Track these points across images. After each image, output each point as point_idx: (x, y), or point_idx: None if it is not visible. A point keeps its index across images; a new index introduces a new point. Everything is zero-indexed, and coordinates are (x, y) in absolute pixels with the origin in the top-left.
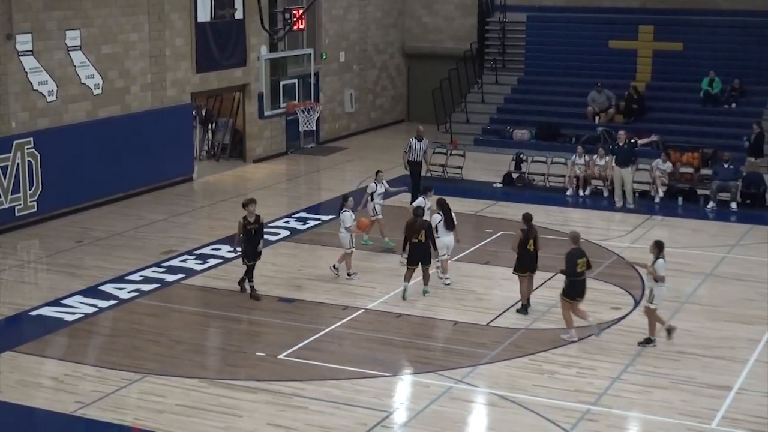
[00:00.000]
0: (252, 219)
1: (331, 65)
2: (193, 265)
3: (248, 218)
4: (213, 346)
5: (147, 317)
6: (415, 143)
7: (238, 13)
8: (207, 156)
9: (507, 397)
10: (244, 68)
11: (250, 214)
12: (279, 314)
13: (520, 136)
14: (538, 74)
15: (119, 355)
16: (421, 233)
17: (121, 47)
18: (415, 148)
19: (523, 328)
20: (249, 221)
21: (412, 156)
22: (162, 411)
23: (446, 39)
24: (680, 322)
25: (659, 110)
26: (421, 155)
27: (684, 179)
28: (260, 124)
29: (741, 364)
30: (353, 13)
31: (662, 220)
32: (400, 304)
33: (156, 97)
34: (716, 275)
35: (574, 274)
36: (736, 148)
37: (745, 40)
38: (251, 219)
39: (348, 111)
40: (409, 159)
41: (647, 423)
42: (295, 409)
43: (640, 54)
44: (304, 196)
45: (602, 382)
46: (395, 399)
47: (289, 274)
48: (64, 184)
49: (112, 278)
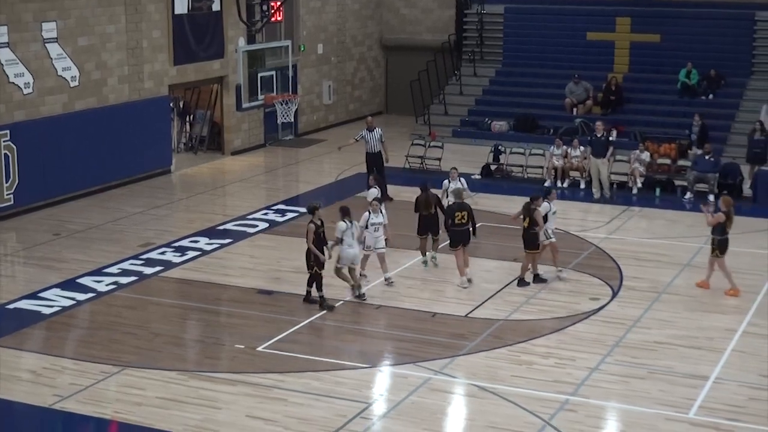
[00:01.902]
0: (319, 222)
1: (309, 57)
2: (171, 257)
3: (316, 222)
4: (192, 339)
5: (125, 310)
6: (367, 135)
7: (216, 5)
8: (185, 148)
9: (486, 388)
10: (221, 60)
11: (317, 218)
12: (258, 306)
13: (498, 128)
14: (516, 66)
15: (97, 348)
16: (432, 206)
17: (97, 39)
18: (369, 139)
19: (502, 319)
20: (318, 225)
21: (369, 148)
22: (141, 404)
23: (424, 31)
24: (658, 313)
25: (637, 102)
26: (378, 145)
27: (661, 170)
28: (238, 116)
29: (718, 353)
30: (331, 5)
31: (640, 211)
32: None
33: (133, 89)
34: (693, 266)
35: (453, 225)
36: (714, 139)
37: (722, 31)
38: (318, 222)
39: (326, 103)
40: (367, 151)
41: (625, 413)
42: (275, 401)
43: (618, 46)
44: (282, 188)
45: (580, 372)
46: (374, 390)
47: (267, 266)
48: (41, 177)
49: (89, 271)
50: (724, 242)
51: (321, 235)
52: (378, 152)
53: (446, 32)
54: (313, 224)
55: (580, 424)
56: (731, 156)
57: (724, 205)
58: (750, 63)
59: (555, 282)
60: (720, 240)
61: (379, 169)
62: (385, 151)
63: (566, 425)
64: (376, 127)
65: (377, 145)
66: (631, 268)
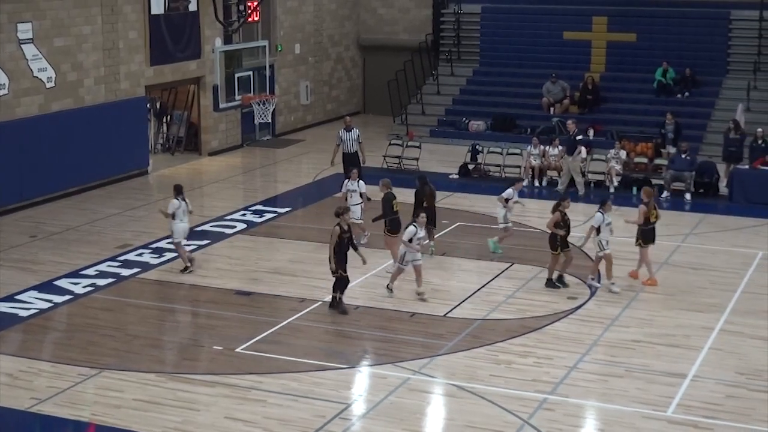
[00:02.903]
0: (346, 227)
1: (286, 57)
2: (149, 259)
3: (342, 226)
4: (170, 341)
5: (103, 312)
6: (345, 135)
7: (192, 5)
8: (162, 149)
9: (465, 388)
10: (198, 61)
11: (344, 222)
12: (236, 307)
13: (475, 128)
14: (493, 65)
15: (75, 351)
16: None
17: (73, 40)
18: (346, 139)
19: (480, 319)
20: (344, 229)
21: (346, 148)
22: (119, 406)
23: (401, 31)
24: (635, 311)
25: (613, 101)
26: (355, 145)
27: (638, 169)
28: (215, 116)
29: (695, 351)
30: (308, 5)
31: (617, 210)
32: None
33: (110, 90)
34: (670, 264)
35: (392, 213)
36: (690, 137)
37: (697, 30)
38: (345, 227)
39: (304, 103)
40: (344, 151)
41: (603, 411)
42: (253, 403)
43: (594, 45)
44: (260, 189)
45: (559, 371)
46: (353, 391)
47: (245, 267)
48: (17, 179)
49: (66, 273)
50: (649, 232)
51: (345, 241)
52: (354, 152)
53: (423, 32)
54: (338, 227)
55: (558, 423)
56: (707, 155)
57: (645, 196)
58: (725, 62)
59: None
60: (644, 230)
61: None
62: (362, 152)
63: (545, 424)
64: (354, 128)
65: (354, 145)
66: None
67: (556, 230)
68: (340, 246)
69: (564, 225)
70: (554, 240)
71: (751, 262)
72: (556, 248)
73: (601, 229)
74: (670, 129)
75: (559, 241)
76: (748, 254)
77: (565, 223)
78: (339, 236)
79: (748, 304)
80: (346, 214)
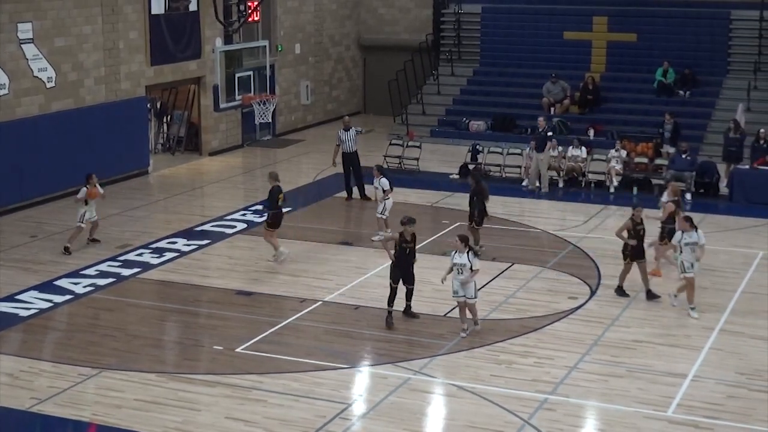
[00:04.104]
0: (408, 237)
1: (286, 57)
2: (149, 259)
3: (405, 236)
4: (170, 341)
5: (103, 312)
6: (344, 135)
7: (193, 5)
8: (162, 149)
9: (465, 388)
10: (198, 61)
11: (407, 232)
12: (236, 307)
13: (476, 128)
14: (493, 65)
15: (75, 351)
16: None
17: (74, 40)
18: (345, 139)
19: (481, 319)
20: (405, 239)
21: (346, 148)
22: (120, 406)
23: (402, 31)
24: (636, 311)
25: (614, 101)
26: (354, 145)
27: (638, 169)
28: (216, 116)
29: (696, 351)
30: (308, 5)
31: (617, 210)
32: (357, 296)
33: (110, 90)
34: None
35: (276, 207)
36: (690, 137)
37: (698, 30)
38: (408, 237)
39: (304, 103)
40: (343, 151)
41: (604, 411)
42: (254, 403)
43: (595, 45)
44: (260, 189)
45: (559, 371)
46: (354, 391)
47: (246, 267)
48: (17, 179)
49: (67, 273)
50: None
51: (406, 251)
52: (354, 152)
53: (424, 32)
54: (398, 235)
55: (559, 423)
56: (708, 155)
57: (672, 194)
58: (726, 62)
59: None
60: (672, 228)
61: (355, 168)
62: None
63: (545, 424)
64: (352, 127)
65: (353, 144)
66: (609, 267)
67: (628, 240)
68: (401, 258)
69: (635, 234)
70: (624, 249)
71: (751, 262)
72: (625, 257)
73: (682, 248)
74: (668, 129)
75: (629, 251)
76: (749, 254)
77: (636, 232)
78: (399, 244)
79: (749, 304)
80: (409, 224)
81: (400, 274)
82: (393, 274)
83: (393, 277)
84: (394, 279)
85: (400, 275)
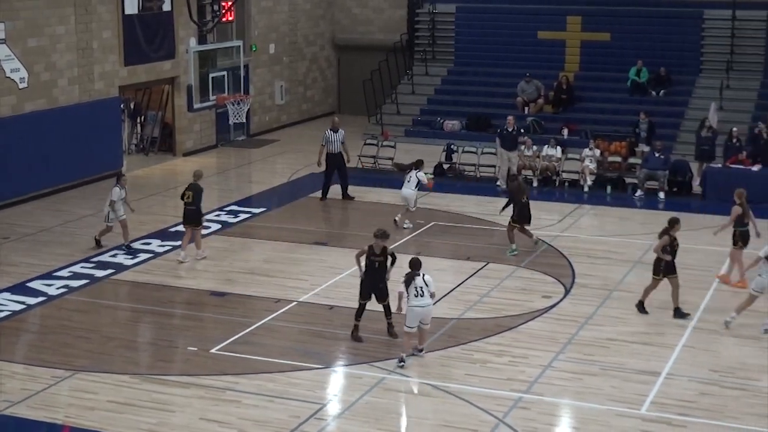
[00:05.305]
0: (378, 251)
1: (260, 57)
2: (122, 260)
3: (374, 249)
4: (144, 342)
5: (76, 314)
6: (331, 135)
7: (166, 5)
8: (136, 150)
9: (440, 387)
10: (172, 61)
11: (377, 245)
12: (210, 308)
13: (450, 127)
14: (467, 65)
15: (49, 353)
16: (525, 194)
17: (47, 40)
18: (332, 140)
19: (455, 318)
20: (374, 252)
21: (331, 148)
22: (93, 408)
23: (376, 30)
24: (610, 310)
25: (588, 100)
26: (339, 146)
27: (612, 168)
28: (190, 117)
29: (669, 349)
30: (282, 5)
31: (591, 209)
32: (331, 296)
33: (83, 90)
34: (645, 263)
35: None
36: (664, 136)
37: (671, 30)
38: (377, 251)
39: (278, 103)
40: (328, 152)
41: (578, 410)
42: (228, 403)
43: (568, 44)
44: (235, 189)
45: (534, 370)
46: (328, 391)
47: (220, 267)
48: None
49: (40, 275)
50: (745, 233)
51: (375, 265)
52: (339, 153)
53: (398, 32)
54: (368, 248)
55: (533, 422)
56: (681, 153)
57: (738, 198)
58: (699, 61)
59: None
60: (742, 231)
61: (340, 169)
62: (346, 152)
63: (520, 423)
64: (340, 128)
65: (339, 146)
66: (583, 266)
67: (663, 255)
68: (371, 272)
69: (671, 250)
70: (658, 264)
71: (724, 260)
72: (658, 273)
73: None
74: (644, 128)
75: (663, 266)
76: (722, 252)
77: (673, 248)
78: (367, 258)
79: (722, 302)
80: (381, 239)
81: (369, 290)
82: (362, 290)
83: (362, 293)
84: (363, 295)
85: (369, 291)
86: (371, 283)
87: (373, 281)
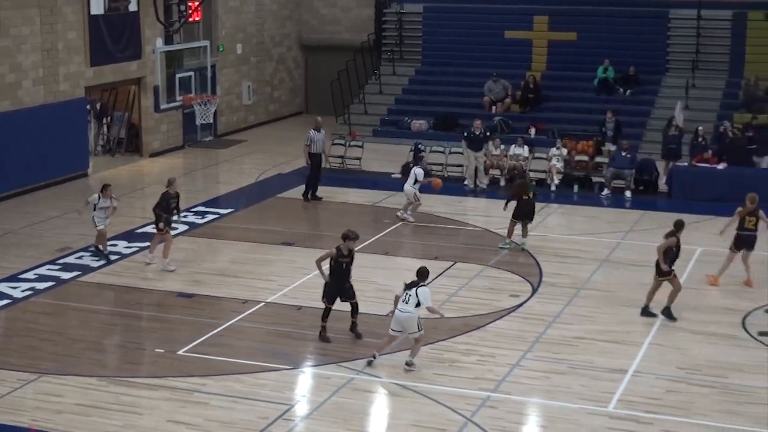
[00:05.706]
0: (345, 252)
1: (228, 57)
2: (89, 262)
3: (341, 250)
4: (111, 344)
5: (42, 316)
6: (315, 135)
7: (133, 5)
8: (102, 151)
9: (408, 387)
10: (139, 61)
11: (344, 246)
12: (178, 310)
13: (418, 127)
14: (435, 65)
15: (14, 356)
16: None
17: (11, 41)
18: (316, 139)
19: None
20: (342, 253)
21: (314, 148)
22: (60, 411)
23: (343, 30)
24: (577, 308)
25: (555, 99)
26: (321, 146)
27: (579, 167)
28: (156, 117)
29: (636, 347)
30: (249, 5)
31: (558, 208)
32: (299, 296)
33: (49, 91)
34: (611, 261)
35: (168, 211)
36: (630, 135)
37: (637, 29)
38: (344, 252)
39: (246, 103)
40: (311, 151)
41: (547, 408)
42: (196, 405)
43: (535, 44)
44: (202, 190)
45: (502, 369)
46: (296, 392)
47: (188, 269)
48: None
49: (5, 277)
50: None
51: (342, 266)
52: (320, 153)
53: (365, 31)
54: (335, 250)
55: (501, 421)
56: (647, 152)
57: (750, 201)
58: (665, 60)
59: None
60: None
61: (317, 169)
62: (326, 153)
63: (488, 422)
64: (322, 128)
65: (321, 145)
66: (551, 265)
67: (663, 258)
68: (336, 273)
69: (676, 252)
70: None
71: (690, 257)
72: (660, 274)
73: None
74: (611, 127)
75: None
76: (688, 250)
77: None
78: (333, 259)
79: (688, 300)
80: (349, 240)
81: (335, 292)
82: (327, 293)
83: (327, 296)
84: (328, 298)
85: (335, 294)
86: (337, 285)
87: (338, 283)
